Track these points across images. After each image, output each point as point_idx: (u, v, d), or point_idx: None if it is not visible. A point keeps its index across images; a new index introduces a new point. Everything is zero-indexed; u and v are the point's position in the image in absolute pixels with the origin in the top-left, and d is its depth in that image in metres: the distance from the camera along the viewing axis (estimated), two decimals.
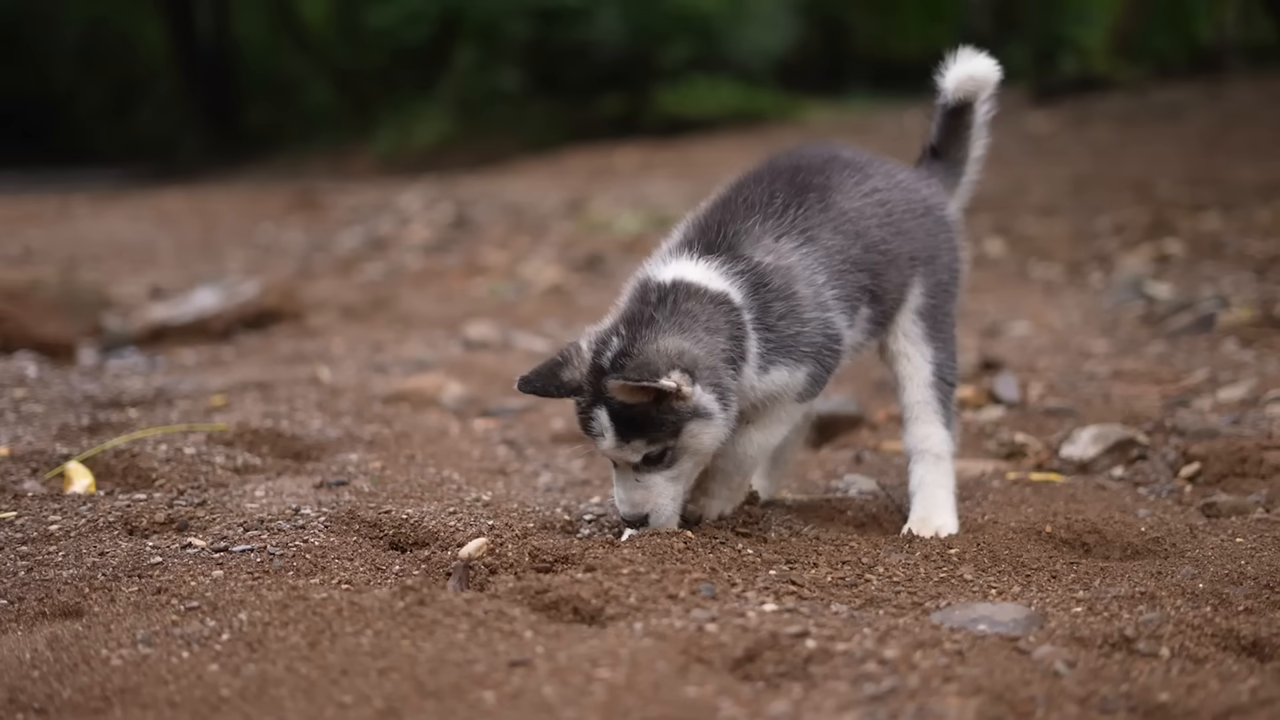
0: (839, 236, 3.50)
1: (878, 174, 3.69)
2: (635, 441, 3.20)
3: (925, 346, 3.70)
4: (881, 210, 3.60)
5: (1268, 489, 3.96)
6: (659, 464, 3.27)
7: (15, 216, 14.93)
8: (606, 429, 3.20)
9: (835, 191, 3.56)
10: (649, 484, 3.30)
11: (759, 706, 2.31)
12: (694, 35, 25.14)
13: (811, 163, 3.65)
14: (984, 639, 2.65)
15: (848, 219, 3.53)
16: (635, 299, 3.32)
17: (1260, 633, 2.73)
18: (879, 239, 3.57)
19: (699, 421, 3.21)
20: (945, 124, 3.93)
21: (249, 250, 12.15)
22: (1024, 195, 11.95)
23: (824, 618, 2.78)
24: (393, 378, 5.91)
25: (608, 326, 3.31)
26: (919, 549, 3.35)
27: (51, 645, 2.64)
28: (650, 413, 3.16)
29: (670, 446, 3.24)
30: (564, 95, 26.02)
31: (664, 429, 3.19)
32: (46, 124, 31.80)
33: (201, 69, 30.47)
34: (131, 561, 3.17)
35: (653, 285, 3.31)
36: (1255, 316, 6.30)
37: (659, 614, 2.78)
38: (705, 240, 3.41)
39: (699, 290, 3.28)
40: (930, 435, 3.67)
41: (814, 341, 3.37)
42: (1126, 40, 21.78)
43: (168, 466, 4.04)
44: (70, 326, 7.12)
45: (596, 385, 3.21)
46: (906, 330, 3.70)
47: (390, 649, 2.58)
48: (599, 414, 3.20)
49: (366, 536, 3.45)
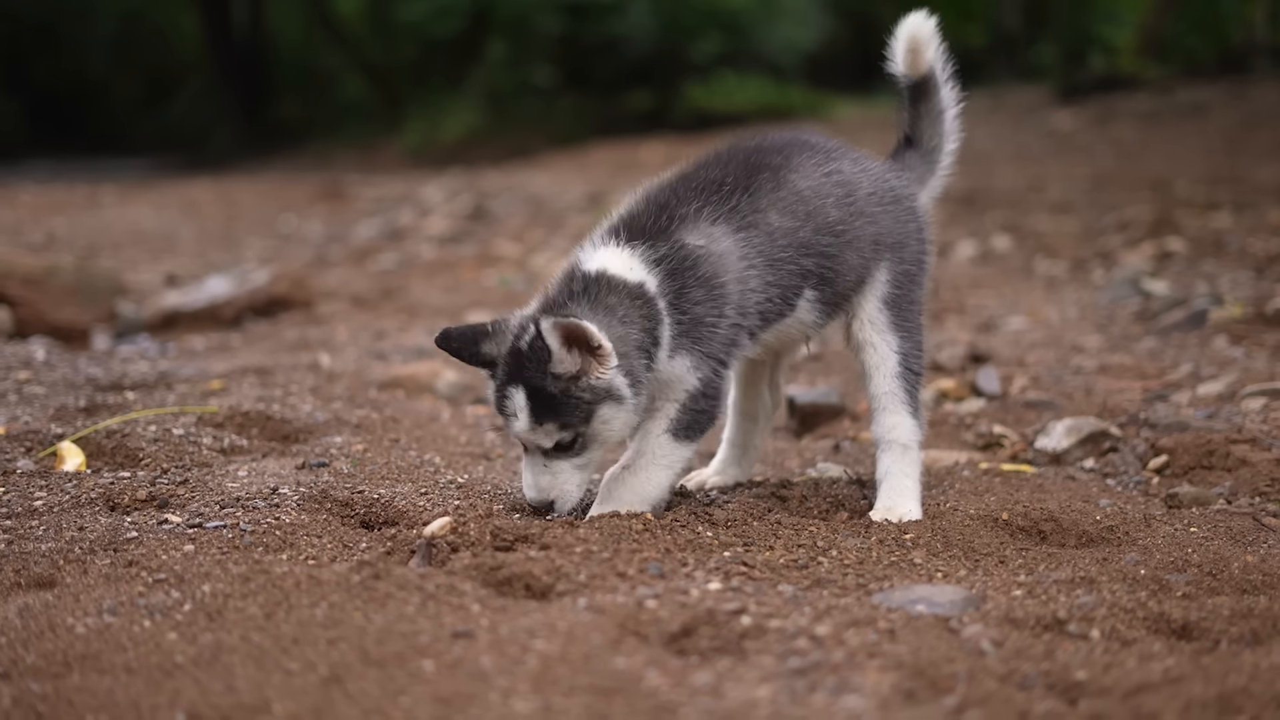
0: (786, 218, 3.54)
1: (845, 159, 3.74)
2: (548, 425, 3.28)
3: (891, 336, 3.72)
4: (840, 191, 3.64)
5: (1232, 481, 4.02)
6: (569, 450, 3.36)
7: (43, 205, 15.13)
8: (521, 409, 3.28)
9: (792, 171, 3.60)
10: (556, 470, 3.39)
11: (684, 677, 2.40)
12: (723, 31, 25.21)
13: (773, 145, 3.71)
14: (919, 619, 2.73)
15: (800, 198, 3.57)
16: (561, 287, 3.41)
17: (1190, 617, 2.80)
18: (835, 219, 3.61)
19: (611, 405, 3.29)
20: (913, 108, 3.97)
21: (269, 240, 12.29)
22: (1041, 192, 11.98)
23: (766, 597, 2.86)
24: (391, 364, 6.01)
25: (531, 311, 3.39)
26: (875, 534, 3.43)
27: (22, 614, 2.74)
28: (568, 391, 3.24)
29: (581, 433, 3.33)
30: (593, 90, 26.13)
31: (578, 412, 3.28)
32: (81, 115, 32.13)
33: (235, 62, 30.73)
34: (108, 536, 3.26)
35: (578, 275, 3.40)
36: (1247, 313, 6.34)
37: (605, 590, 2.86)
38: (636, 225, 3.47)
39: (618, 283, 3.36)
40: (897, 425, 3.71)
41: (719, 342, 3.43)
42: (1155, 39, 21.75)
43: (155, 447, 4.14)
44: (85, 312, 7.27)
45: (514, 366, 3.29)
46: (873, 319, 3.73)
47: (342, 620, 2.67)
48: (514, 394, 3.28)
49: (337, 515, 3.54)
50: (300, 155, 26.16)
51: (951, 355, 5.94)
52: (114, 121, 33.12)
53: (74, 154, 27.33)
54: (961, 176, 3.96)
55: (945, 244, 10.01)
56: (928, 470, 4.17)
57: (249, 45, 31.67)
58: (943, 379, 5.50)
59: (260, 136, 29.11)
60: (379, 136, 26.58)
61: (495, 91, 25.97)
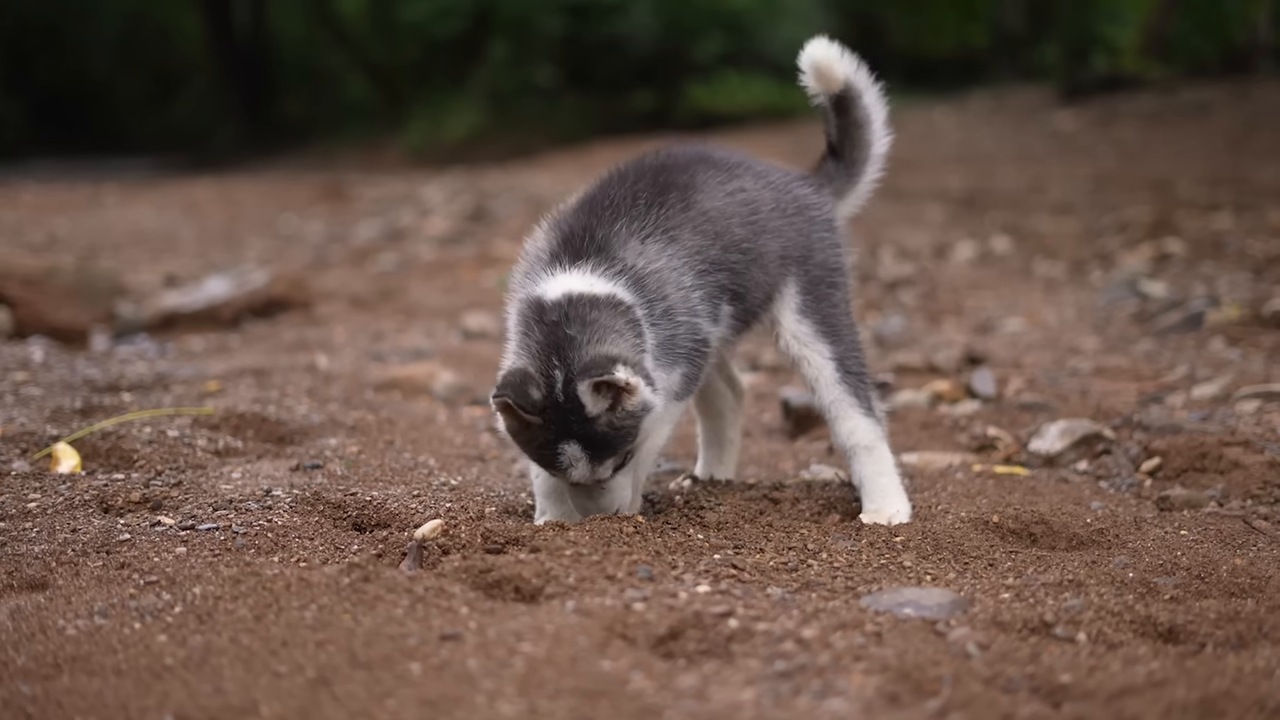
0: (698, 236, 3.52)
1: (746, 174, 3.71)
2: (607, 461, 3.27)
3: (820, 344, 3.69)
4: (744, 210, 3.62)
5: (1224, 483, 4.03)
6: (620, 468, 3.35)
7: (45, 205, 15.16)
8: (577, 459, 3.24)
9: (697, 191, 3.58)
10: (611, 487, 3.38)
11: (669, 680, 2.41)
12: (726, 31, 25.24)
13: (677, 162, 3.67)
14: (906, 622, 2.74)
15: (708, 219, 3.55)
16: (539, 324, 3.31)
17: (1177, 620, 2.81)
18: (740, 238, 3.58)
19: (650, 418, 3.28)
20: (835, 120, 3.95)
21: (270, 240, 12.31)
22: (1042, 193, 12.00)
23: (755, 600, 2.87)
24: (388, 366, 6.02)
25: (538, 362, 3.28)
26: (865, 537, 3.43)
27: (13, 616, 2.75)
28: (611, 424, 3.21)
29: (630, 451, 3.32)
30: (595, 90, 26.16)
31: (628, 437, 3.25)
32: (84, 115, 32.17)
33: (237, 62, 30.79)
34: (101, 538, 3.28)
35: (549, 305, 3.31)
36: (1244, 315, 6.35)
37: (594, 593, 2.87)
38: (573, 248, 3.43)
39: (592, 299, 3.31)
40: (855, 429, 3.68)
41: (685, 344, 3.43)
42: (1158, 39, 21.76)
43: (150, 449, 4.16)
44: (84, 313, 7.29)
45: (558, 422, 3.22)
46: (795, 333, 3.70)
47: (331, 622, 2.68)
48: (568, 447, 3.22)
49: (330, 517, 3.56)
50: (303, 155, 26.19)
51: (947, 357, 5.95)
52: (117, 121, 33.18)
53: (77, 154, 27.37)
54: (963, 177, 4.00)
55: (944, 245, 10.03)
56: (920, 473, 4.18)
57: (251, 45, 31.72)
58: (938, 381, 5.50)
59: (263, 136, 29.15)
60: (381, 136, 26.61)
61: (497, 91, 26.01)
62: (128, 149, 29.19)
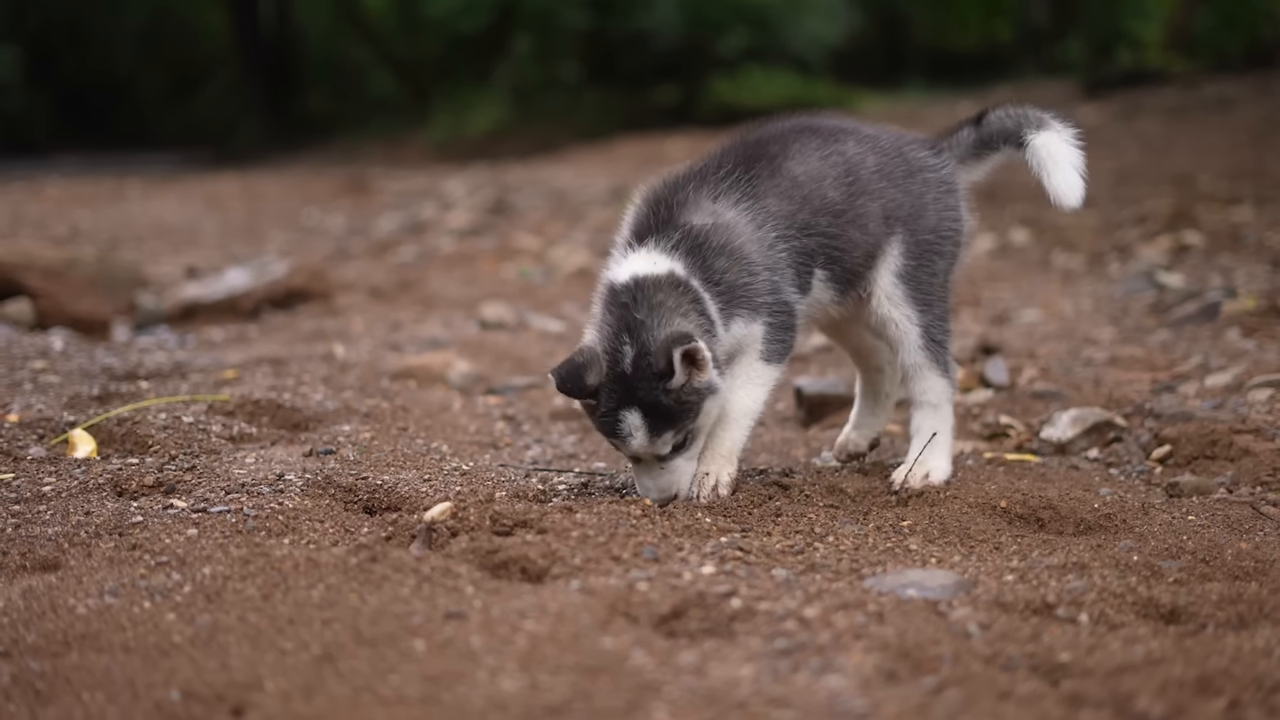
0: (784, 201, 3.62)
1: (849, 139, 3.78)
2: (665, 434, 3.39)
3: (909, 309, 3.77)
4: (838, 171, 3.70)
5: (1234, 470, 4.03)
6: (681, 448, 3.48)
7: (69, 198, 15.24)
8: (637, 428, 3.37)
9: (789, 159, 3.67)
10: (673, 468, 3.51)
11: (669, 657, 2.43)
12: (750, 25, 25.21)
13: (775, 133, 3.77)
14: (908, 603, 2.76)
15: (795, 184, 3.64)
16: (612, 306, 3.47)
17: (1179, 601, 2.82)
18: (833, 200, 3.66)
19: (712, 398, 3.42)
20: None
21: (291, 233, 12.36)
22: None
23: (759, 580, 2.89)
24: (405, 355, 6.05)
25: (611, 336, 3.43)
26: (872, 520, 3.46)
27: (25, 595, 2.79)
28: (678, 399, 3.35)
29: (691, 430, 3.44)
30: (618, 84, 26.17)
31: (689, 413, 3.38)
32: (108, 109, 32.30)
33: (262, 56, 30.86)
34: (114, 520, 3.31)
35: (619, 288, 3.46)
36: (1260, 306, 6.33)
37: (599, 573, 2.89)
38: (641, 227, 3.58)
39: (655, 280, 3.44)
40: (929, 389, 3.81)
41: (763, 294, 3.52)
42: (1182, 34, 21.68)
43: (165, 434, 4.19)
44: (105, 304, 7.34)
45: (622, 390, 3.36)
46: (889, 294, 3.77)
47: (337, 601, 2.71)
48: (628, 415, 3.37)
49: (340, 500, 3.58)
50: (326, 150, 26.24)
51: (962, 347, 5.95)
52: (141, 116, 33.30)
53: (101, 148, 27.50)
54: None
55: None
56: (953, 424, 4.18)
57: (276, 39, 31.81)
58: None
59: (287, 131, 29.21)
60: (405, 131, 26.64)
61: (521, 86, 26.03)
62: (152, 144, 29.30)
